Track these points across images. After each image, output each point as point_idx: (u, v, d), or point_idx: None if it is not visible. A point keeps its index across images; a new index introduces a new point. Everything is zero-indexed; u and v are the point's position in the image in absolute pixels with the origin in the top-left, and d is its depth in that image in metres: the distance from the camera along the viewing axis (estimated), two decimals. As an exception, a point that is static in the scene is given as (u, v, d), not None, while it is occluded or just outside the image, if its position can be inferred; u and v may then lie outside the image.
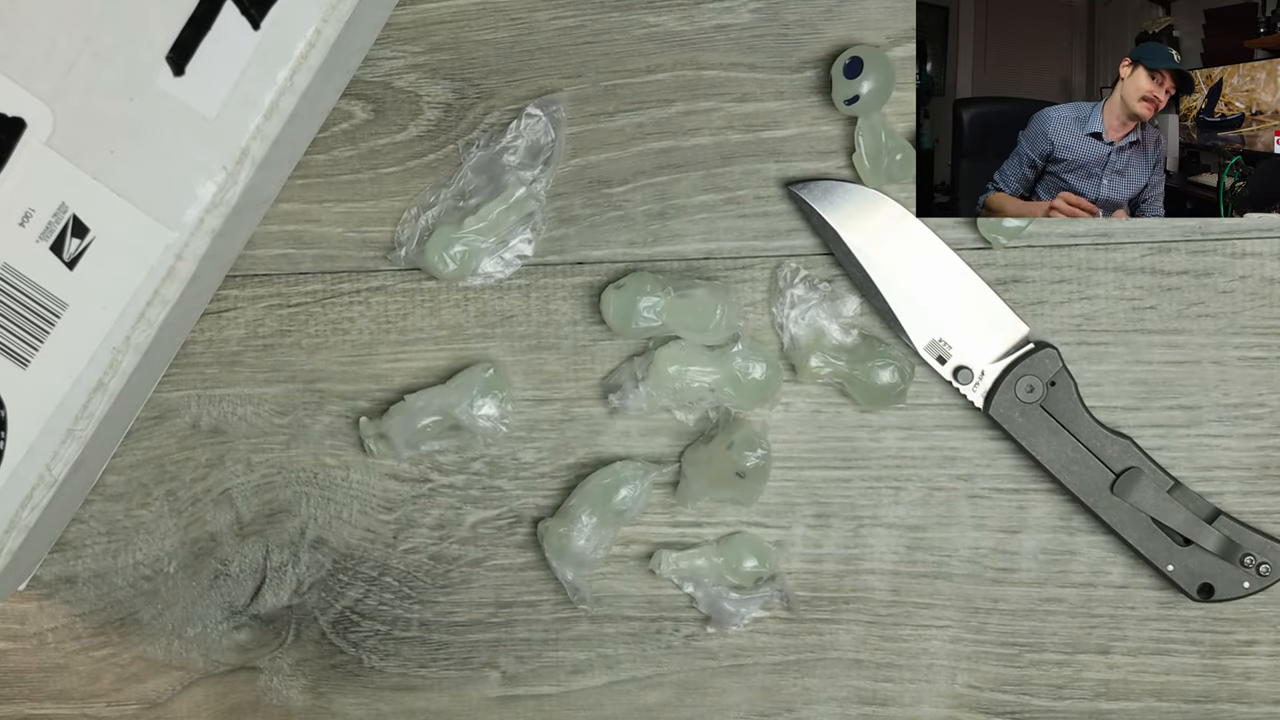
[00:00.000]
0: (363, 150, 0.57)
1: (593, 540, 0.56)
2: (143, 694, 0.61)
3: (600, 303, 0.56)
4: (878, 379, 0.54)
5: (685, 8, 0.56)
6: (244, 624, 0.60)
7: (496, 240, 0.56)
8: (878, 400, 0.55)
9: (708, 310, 0.54)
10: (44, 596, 0.60)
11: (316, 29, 0.49)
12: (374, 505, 0.59)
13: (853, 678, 0.58)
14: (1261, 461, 0.55)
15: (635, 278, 0.55)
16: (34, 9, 0.50)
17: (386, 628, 0.59)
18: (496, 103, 0.57)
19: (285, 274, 0.58)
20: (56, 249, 0.50)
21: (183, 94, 0.50)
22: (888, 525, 0.57)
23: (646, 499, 0.56)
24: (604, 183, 0.56)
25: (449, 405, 0.56)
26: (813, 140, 0.55)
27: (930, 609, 0.57)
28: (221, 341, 0.59)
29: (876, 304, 0.55)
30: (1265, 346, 0.55)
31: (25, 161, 0.50)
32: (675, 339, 0.55)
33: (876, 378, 0.54)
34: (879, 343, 0.55)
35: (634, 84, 0.56)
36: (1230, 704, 0.56)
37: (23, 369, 0.51)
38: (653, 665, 0.58)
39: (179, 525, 0.60)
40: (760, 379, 0.55)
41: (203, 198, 0.50)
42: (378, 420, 0.57)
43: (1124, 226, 0.55)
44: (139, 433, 0.59)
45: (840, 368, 0.55)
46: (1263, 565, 0.54)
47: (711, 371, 0.55)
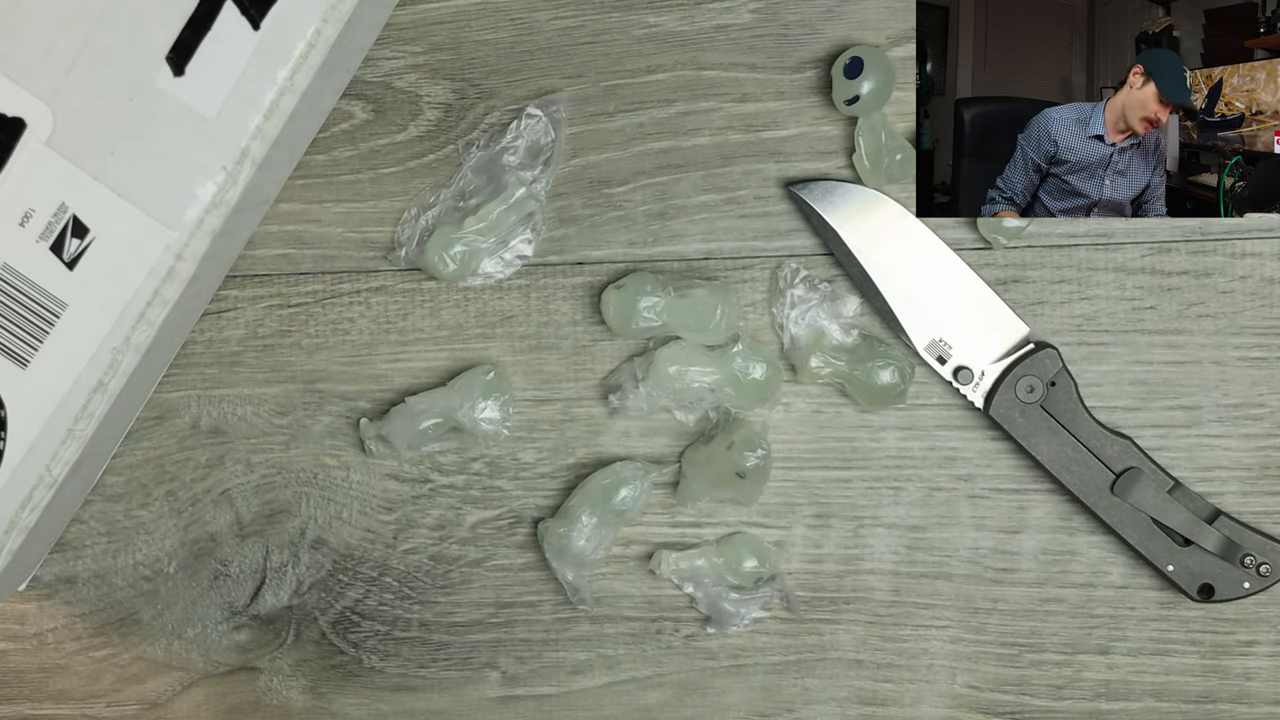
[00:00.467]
0: (363, 150, 0.57)
1: (593, 540, 0.56)
2: (143, 694, 0.61)
3: (600, 303, 0.56)
4: (878, 379, 0.54)
5: (685, 8, 0.56)
6: (244, 624, 0.60)
7: (497, 240, 0.56)
8: (878, 400, 0.55)
9: (708, 310, 0.54)
10: (44, 596, 0.60)
11: (316, 29, 0.49)
12: (374, 505, 0.59)
13: (853, 678, 0.58)
14: (1261, 461, 0.55)
15: (635, 278, 0.55)
16: (34, 9, 0.50)
17: (386, 628, 0.59)
18: (496, 103, 0.57)
19: (285, 274, 0.58)
20: (56, 249, 0.50)
21: (183, 94, 0.50)
22: (888, 525, 0.57)
23: (646, 499, 0.56)
24: (604, 183, 0.56)
25: (450, 408, 0.56)
26: (813, 140, 0.55)
27: (930, 609, 0.57)
28: (221, 341, 0.59)
29: (877, 304, 0.55)
30: (1265, 346, 0.55)
31: (25, 161, 0.50)
32: (675, 339, 0.55)
33: (876, 378, 0.54)
34: (879, 343, 0.55)
35: (634, 84, 0.56)
36: (1230, 704, 0.56)
37: (23, 369, 0.51)
38: (653, 665, 0.58)
39: (179, 525, 0.60)
40: (760, 379, 0.55)
41: (203, 198, 0.50)
42: (378, 422, 0.57)
43: (1124, 226, 0.55)
44: (139, 433, 0.59)
45: (840, 368, 0.55)
46: (1263, 565, 0.54)
47: (712, 372, 0.55)
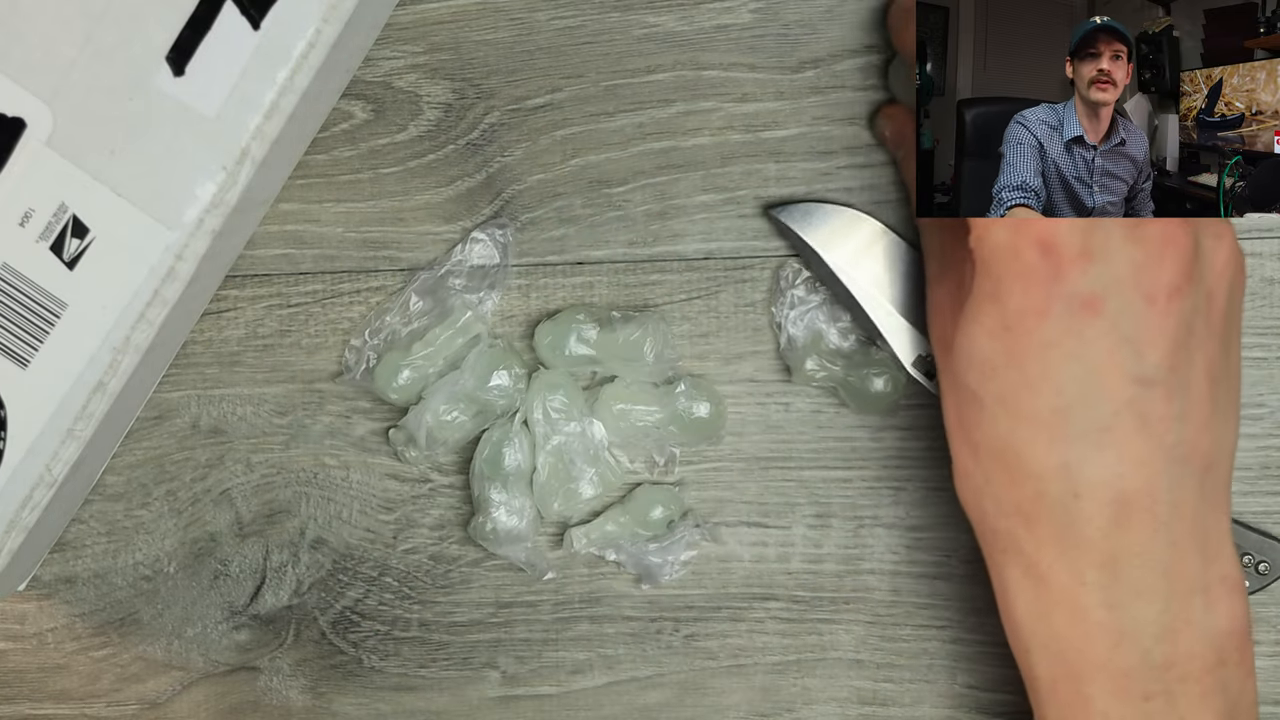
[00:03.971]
0: (363, 150, 0.57)
1: (511, 511, 0.56)
2: (142, 694, 0.61)
3: (534, 335, 0.56)
4: (871, 386, 0.55)
5: (685, 8, 0.56)
6: (244, 624, 0.60)
7: (445, 364, 0.56)
8: (869, 407, 0.55)
9: (636, 345, 0.55)
10: (44, 596, 0.60)
11: (316, 29, 0.49)
12: (374, 505, 0.59)
13: (853, 678, 0.58)
14: (1261, 461, 0.55)
15: (569, 310, 0.56)
16: (34, 9, 0.50)
17: (386, 628, 0.59)
18: (496, 103, 0.57)
19: (285, 274, 0.58)
20: (56, 249, 0.50)
21: (183, 94, 0.50)
22: (888, 525, 0.57)
23: (530, 450, 0.56)
24: (604, 183, 0.56)
25: (466, 390, 0.56)
26: (813, 140, 0.55)
27: (930, 609, 0.57)
28: (221, 341, 0.59)
29: (862, 323, 0.55)
30: (1265, 346, 0.55)
31: (25, 161, 0.50)
32: (619, 378, 0.56)
33: (870, 384, 0.55)
34: (876, 350, 0.55)
35: (634, 84, 0.56)
36: (1230, 704, 0.56)
37: (23, 369, 0.51)
38: (653, 665, 0.58)
39: (179, 525, 0.60)
40: (705, 417, 0.56)
41: (203, 198, 0.50)
42: (402, 428, 0.57)
43: (1124, 226, 0.55)
44: (139, 433, 0.59)
45: (835, 372, 0.55)
46: (1261, 564, 0.54)
47: (656, 411, 0.55)
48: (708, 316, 0.57)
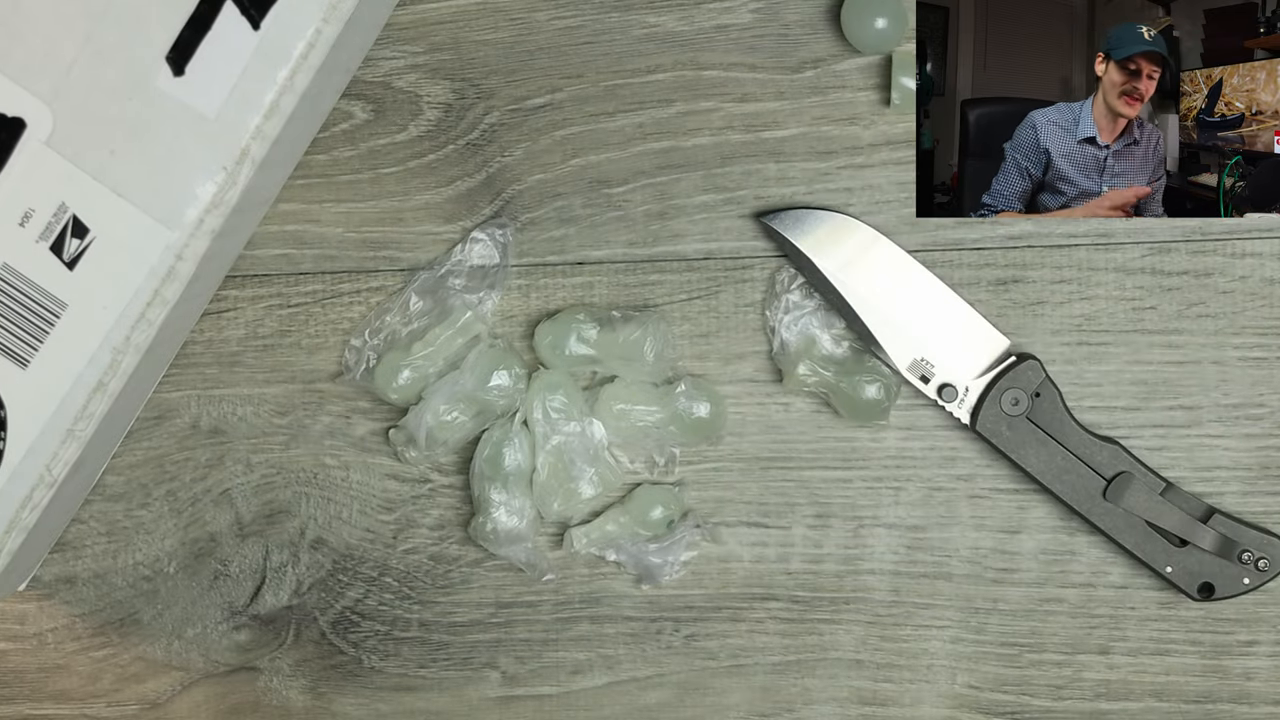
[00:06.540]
0: (363, 150, 0.57)
1: (512, 511, 0.56)
2: (143, 694, 0.61)
3: (534, 335, 0.56)
4: (863, 393, 0.54)
5: (685, 8, 0.56)
6: (244, 624, 0.60)
7: (445, 364, 0.56)
8: (861, 414, 0.55)
9: (636, 344, 0.55)
10: (44, 596, 0.60)
11: (316, 29, 0.49)
12: (374, 505, 0.59)
13: (853, 678, 0.58)
14: (1261, 461, 0.55)
15: (569, 310, 0.55)
16: (34, 9, 0.50)
17: (386, 628, 0.59)
18: (496, 103, 0.57)
19: (285, 274, 0.58)
20: (56, 249, 0.50)
21: (183, 94, 0.50)
22: (888, 525, 0.57)
23: (530, 450, 0.56)
24: (604, 183, 0.56)
25: (465, 390, 0.56)
26: (813, 140, 0.55)
27: (930, 609, 0.57)
28: (221, 341, 0.59)
29: (856, 328, 0.55)
30: (1265, 346, 0.55)
31: (25, 161, 0.50)
32: (619, 378, 0.56)
33: (862, 392, 0.54)
34: (869, 357, 0.55)
35: (634, 84, 0.56)
36: (1230, 704, 0.56)
37: (23, 369, 0.51)
38: (653, 665, 0.58)
39: (179, 525, 0.60)
40: (705, 417, 0.56)
41: (203, 198, 0.50)
42: (402, 428, 0.57)
43: (1124, 226, 0.55)
44: (139, 433, 0.59)
45: (827, 378, 0.55)
46: (1261, 560, 0.54)
47: (656, 411, 0.55)
48: (708, 316, 0.57)
